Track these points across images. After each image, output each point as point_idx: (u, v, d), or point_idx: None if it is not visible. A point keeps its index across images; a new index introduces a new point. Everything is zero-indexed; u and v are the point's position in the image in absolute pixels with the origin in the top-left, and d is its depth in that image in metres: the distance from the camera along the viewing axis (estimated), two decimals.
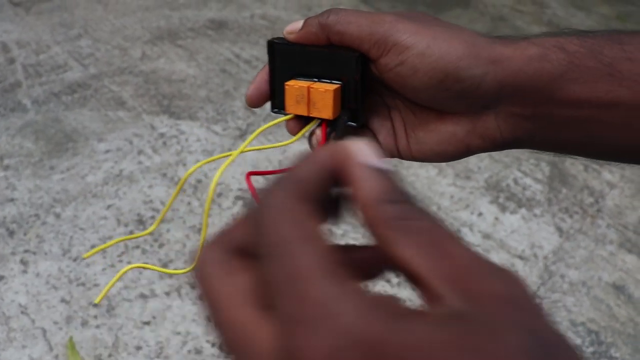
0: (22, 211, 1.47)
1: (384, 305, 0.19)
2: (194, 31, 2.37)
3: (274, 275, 0.20)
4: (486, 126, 0.39)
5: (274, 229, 0.21)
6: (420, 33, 0.36)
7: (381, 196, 0.22)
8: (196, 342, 1.21)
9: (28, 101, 1.87)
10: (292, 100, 0.41)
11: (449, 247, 0.20)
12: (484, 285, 0.19)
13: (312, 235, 0.21)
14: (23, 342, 1.19)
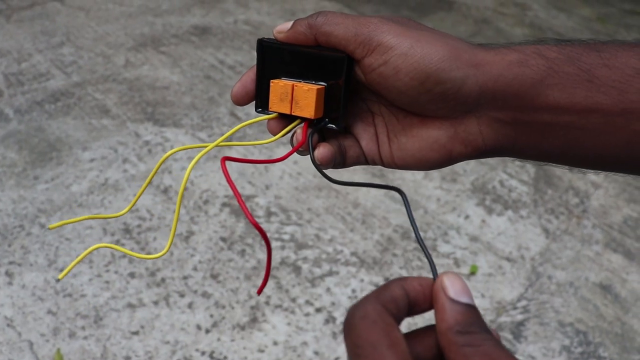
0: (6, 222, 1.45)
1: None
2: (178, 37, 2.36)
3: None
4: (468, 131, 0.39)
5: (366, 333, 0.28)
6: (404, 35, 0.37)
7: (457, 327, 0.28)
8: (185, 351, 1.20)
9: (10, 110, 1.85)
10: (276, 97, 0.41)
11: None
12: None
13: (396, 342, 0.27)
14: (9, 355, 1.17)
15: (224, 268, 1.38)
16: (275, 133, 0.43)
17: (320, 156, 0.41)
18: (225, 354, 1.20)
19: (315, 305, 1.32)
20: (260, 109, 0.43)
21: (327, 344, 1.24)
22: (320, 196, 1.61)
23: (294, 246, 1.45)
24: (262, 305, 1.31)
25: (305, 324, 1.27)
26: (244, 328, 1.26)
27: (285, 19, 2.58)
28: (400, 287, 0.30)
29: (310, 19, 0.40)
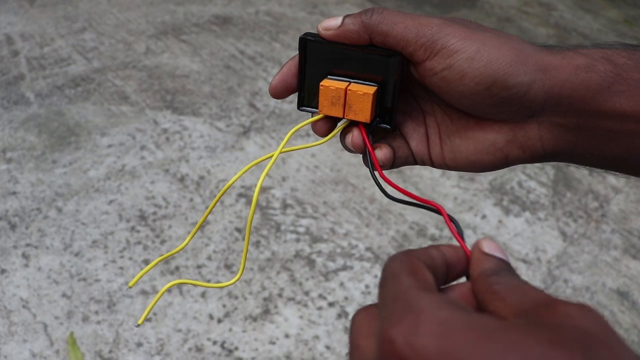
0: (24, 205, 1.46)
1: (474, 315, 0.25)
2: (199, 26, 2.36)
3: (383, 296, 0.27)
4: (528, 136, 0.38)
5: (390, 267, 0.28)
6: (470, 37, 0.36)
7: (488, 272, 0.29)
8: (197, 340, 1.20)
9: (31, 94, 1.86)
10: (327, 101, 0.39)
11: (529, 292, 0.26)
12: (547, 312, 0.24)
13: (417, 270, 0.28)
14: (24, 336, 1.18)
15: (238, 259, 1.38)
16: (322, 134, 0.41)
17: (384, 157, 0.40)
18: (236, 345, 1.20)
19: (328, 300, 1.31)
20: (305, 107, 0.42)
21: (338, 338, 1.24)
22: (336, 190, 1.60)
23: (308, 239, 1.44)
24: (275, 298, 1.30)
25: (317, 318, 1.27)
26: (256, 319, 1.26)
27: (307, 11, 2.57)
28: (436, 248, 0.31)
29: (363, 16, 0.37)
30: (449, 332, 0.23)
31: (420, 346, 0.23)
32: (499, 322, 0.23)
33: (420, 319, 0.24)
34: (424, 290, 0.26)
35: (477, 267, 0.30)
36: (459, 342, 0.22)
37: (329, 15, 2.56)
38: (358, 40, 0.38)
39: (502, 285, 0.28)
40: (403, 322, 0.24)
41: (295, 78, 0.41)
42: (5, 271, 1.30)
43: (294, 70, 0.41)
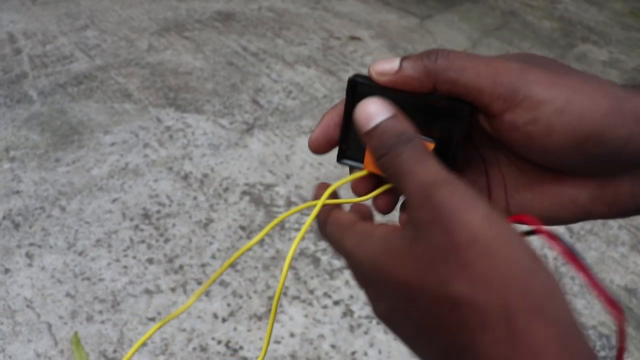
0: (28, 204, 1.46)
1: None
2: (201, 23, 2.35)
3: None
4: (618, 192, 0.33)
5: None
6: (557, 85, 0.31)
7: (375, 156, 0.33)
8: (201, 340, 1.20)
9: (34, 92, 1.86)
10: (373, 158, 0.34)
11: None
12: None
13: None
14: (28, 336, 1.18)
15: (243, 257, 1.37)
16: (361, 193, 0.37)
17: None
18: (241, 344, 1.20)
19: (333, 298, 1.30)
20: (345, 160, 0.37)
21: (344, 337, 1.23)
22: (341, 187, 1.59)
23: (313, 237, 1.44)
24: (280, 296, 1.30)
25: (322, 317, 1.26)
26: (260, 318, 1.25)
27: (310, 7, 2.56)
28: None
29: (426, 60, 0.32)
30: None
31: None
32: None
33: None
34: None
35: (367, 150, 0.34)
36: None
37: (332, 10, 2.54)
38: (419, 88, 0.33)
39: (388, 174, 0.31)
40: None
41: (338, 129, 0.36)
42: (9, 271, 1.30)
43: (337, 120, 0.36)
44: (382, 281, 0.28)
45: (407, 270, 0.27)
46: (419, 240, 0.27)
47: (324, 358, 1.19)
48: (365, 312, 1.28)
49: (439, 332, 0.26)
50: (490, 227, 0.25)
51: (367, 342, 1.23)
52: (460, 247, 0.25)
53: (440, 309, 0.26)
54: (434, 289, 0.26)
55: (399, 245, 0.28)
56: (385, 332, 1.25)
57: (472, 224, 0.25)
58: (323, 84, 2.02)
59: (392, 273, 0.28)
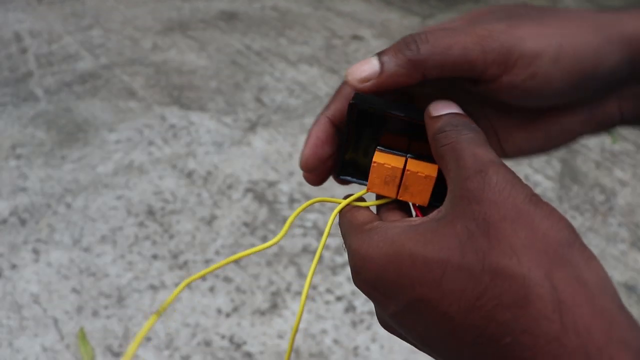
0: (34, 200, 1.48)
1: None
2: (205, 22, 2.37)
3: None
4: (607, 112, 0.34)
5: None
6: (546, 34, 0.30)
7: (435, 133, 0.32)
8: (205, 335, 1.21)
9: (40, 91, 1.88)
10: (379, 179, 0.34)
11: None
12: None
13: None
14: (35, 330, 1.19)
15: None
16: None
17: None
18: (244, 339, 1.21)
19: (335, 294, 1.32)
20: (346, 177, 0.36)
21: (346, 332, 1.24)
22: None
23: (315, 234, 1.45)
24: (283, 292, 1.31)
25: (325, 312, 1.28)
26: (264, 314, 1.26)
27: (313, 7, 2.57)
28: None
29: (407, 51, 0.30)
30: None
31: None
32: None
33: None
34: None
35: (429, 134, 0.31)
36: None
37: (334, 10, 2.56)
38: (408, 82, 0.31)
39: (445, 148, 0.29)
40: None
41: (326, 146, 0.35)
42: (16, 266, 1.31)
43: (323, 137, 0.35)
44: (401, 274, 0.27)
45: (442, 250, 0.25)
46: (458, 217, 0.26)
47: (327, 353, 1.20)
48: (367, 308, 1.29)
49: (472, 316, 0.24)
50: (533, 204, 0.25)
51: (369, 337, 1.24)
52: (503, 219, 0.24)
53: (478, 284, 0.24)
54: (473, 264, 0.24)
55: (432, 227, 0.27)
56: None
57: (517, 200, 0.25)
58: (326, 82, 2.03)
59: (421, 258, 0.26)
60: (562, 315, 0.22)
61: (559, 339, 0.22)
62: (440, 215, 0.27)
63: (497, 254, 0.24)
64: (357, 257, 0.29)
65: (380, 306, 0.29)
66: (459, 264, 0.25)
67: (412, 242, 0.27)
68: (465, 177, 0.27)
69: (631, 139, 1.98)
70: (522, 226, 0.24)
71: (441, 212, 0.27)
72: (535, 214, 0.25)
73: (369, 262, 0.28)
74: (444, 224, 0.26)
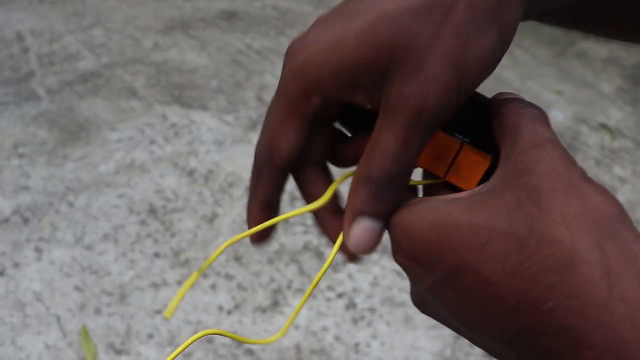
0: (36, 199, 1.48)
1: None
2: (206, 22, 2.37)
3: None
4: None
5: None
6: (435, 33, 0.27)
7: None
8: None
9: (42, 90, 1.88)
10: (431, 153, 0.32)
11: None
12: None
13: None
14: (38, 328, 1.20)
15: (247, 251, 1.39)
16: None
17: None
18: (246, 336, 1.22)
19: (336, 291, 1.33)
20: None
21: (347, 329, 1.25)
22: (344, 182, 1.61)
23: (316, 231, 1.46)
24: (284, 289, 1.32)
25: (326, 309, 1.29)
26: (265, 311, 1.27)
27: (314, 6, 2.58)
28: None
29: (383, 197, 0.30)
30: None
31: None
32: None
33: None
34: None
35: (493, 113, 0.30)
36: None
37: None
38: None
39: (505, 121, 0.28)
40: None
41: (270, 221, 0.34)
42: (19, 265, 1.32)
43: (264, 218, 0.34)
44: (443, 240, 0.26)
45: (489, 217, 0.25)
46: (508, 188, 0.25)
47: (328, 349, 1.21)
48: (368, 305, 1.30)
49: (515, 280, 0.24)
50: (586, 181, 0.25)
51: (370, 334, 1.25)
52: (555, 190, 0.24)
53: (524, 249, 0.24)
54: (520, 230, 0.24)
55: (479, 198, 0.26)
56: (388, 324, 1.27)
57: (571, 176, 0.25)
58: None
59: (466, 224, 0.25)
60: (610, 283, 0.22)
61: (606, 305, 0.22)
62: (489, 187, 0.27)
63: (547, 220, 0.24)
64: (399, 227, 0.28)
65: (418, 278, 0.28)
66: (505, 230, 0.24)
67: (457, 210, 0.26)
68: (520, 150, 0.26)
69: (630, 136, 1.98)
70: (574, 197, 0.24)
71: (489, 185, 0.27)
72: (588, 189, 0.25)
73: (411, 231, 0.27)
74: (492, 195, 0.26)
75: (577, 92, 2.19)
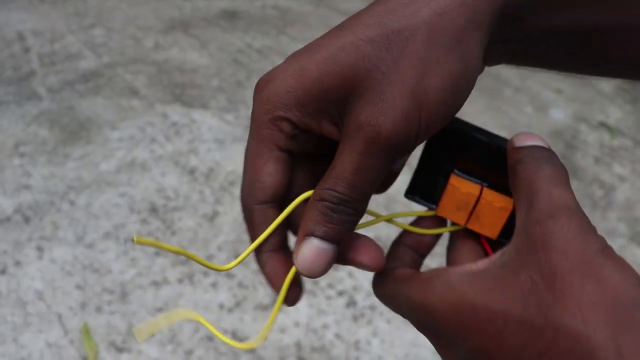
0: (38, 198, 1.49)
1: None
2: (206, 21, 2.38)
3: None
4: (487, 62, 0.33)
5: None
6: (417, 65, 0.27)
7: (512, 164, 0.31)
8: (208, 330, 1.22)
9: (43, 89, 1.89)
10: (452, 203, 0.32)
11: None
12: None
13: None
14: (39, 326, 1.21)
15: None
16: (424, 228, 0.36)
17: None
18: (247, 334, 1.23)
19: (337, 289, 1.33)
20: (415, 197, 0.35)
21: (347, 327, 1.26)
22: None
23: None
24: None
25: (326, 307, 1.29)
26: (266, 309, 1.28)
27: (314, 5, 2.58)
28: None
29: (343, 216, 0.30)
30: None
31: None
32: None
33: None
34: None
35: (509, 164, 0.30)
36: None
37: (335, 8, 2.57)
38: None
39: (521, 181, 0.28)
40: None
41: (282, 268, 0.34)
42: (20, 263, 1.33)
43: (282, 271, 0.34)
44: (462, 324, 0.26)
45: (504, 301, 0.25)
46: (523, 265, 0.25)
47: (328, 347, 1.22)
48: (369, 303, 1.31)
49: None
50: (604, 256, 0.24)
51: (370, 331, 1.25)
52: (571, 271, 0.24)
53: (540, 340, 0.24)
54: (535, 318, 0.24)
55: (496, 274, 0.26)
56: (388, 322, 1.27)
57: (587, 251, 0.24)
58: None
59: (482, 309, 0.25)
60: None
61: None
62: (505, 259, 0.26)
63: (562, 310, 0.23)
64: (420, 308, 0.28)
65: (441, 353, 0.29)
66: (520, 317, 0.24)
67: (474, 290, 0.26)
68: (535, 220, 0.26)
69: (630, 134, 1.99)
70: (590, 280, 0.23)
71: (505, 256, 0.27)
72: (606, 267, 0.24)
73: (430, 312, 0.28)
74: (507, 272, 0.26)
75: (577, 91, 2.19)
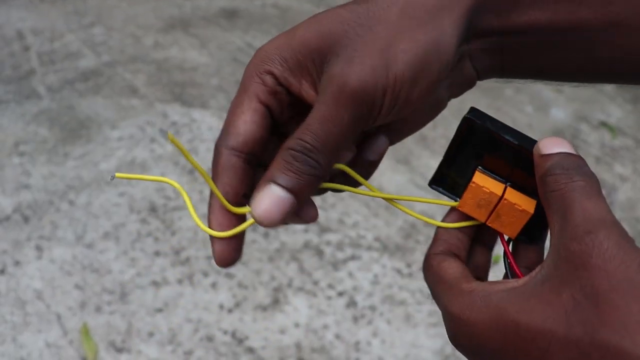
0: (37, 197, 1.49)
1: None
2: (206, 20, 2.37)
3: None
4: (464, 74, 0.34)
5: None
6: (380, 63, 0.29)
7: (542, 175, 0.30)
8: (208, 330, 1.22)
9: (42, 88, 1.88)
10: (473, 200, 0.33)
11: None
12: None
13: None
14: (38, 326, 1.20)
15: (248, 249, 1.40)
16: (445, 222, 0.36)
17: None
18: (247, 334, 1.22)
19: (337, 289, 1.33)
20: (439, 188, 0.36)
21: (348, 327, 1.25)
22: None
23: (317, 229, 1.46)
24: (285, 287, 1.32)
25: (326, 307, 1.29)
26: (266, 309, 1.27)
27: (314, 4, 2.58)
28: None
29: (306, 166, 0.30)
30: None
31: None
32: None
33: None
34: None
35: (537, 172, 0.30)
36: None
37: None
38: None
39: (554, 194, 0.28)
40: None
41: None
42: (19, 263, 1.32)
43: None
44: (504, 343, 0.26)
45: (547, 320, 0.25)
46: (564, 283, 0.25)
47: (328, 348, 1.21)
48: (369, 303, 1.30)
49: None
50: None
51: (371, 332, 1.25)
52: (614, 290, 0.23)
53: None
54: (580, 338, 0.23)
55: (536, 292, 0.26)
56: (388, 323, 1.27)
57: (629, 269, 0.23)
58: None
59: (524, 327, 0.25)
60: None
61: None
62: (544, 276, 0.26)
63: (608, 329, 0.23)
64: (457, 321, 0.28)
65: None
66: (565, 337, 0.24)
67: (515, 308, 0.26)
68: (572, 236, 0.25)
69: (631, 134, 1.98)
70: (635, 299, 0.23)
71: (544, 271, 0.26)
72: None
73: (471, 328, 0.27)
74: (548, 290, 0.25)
75: (578, 90, 2.19)
